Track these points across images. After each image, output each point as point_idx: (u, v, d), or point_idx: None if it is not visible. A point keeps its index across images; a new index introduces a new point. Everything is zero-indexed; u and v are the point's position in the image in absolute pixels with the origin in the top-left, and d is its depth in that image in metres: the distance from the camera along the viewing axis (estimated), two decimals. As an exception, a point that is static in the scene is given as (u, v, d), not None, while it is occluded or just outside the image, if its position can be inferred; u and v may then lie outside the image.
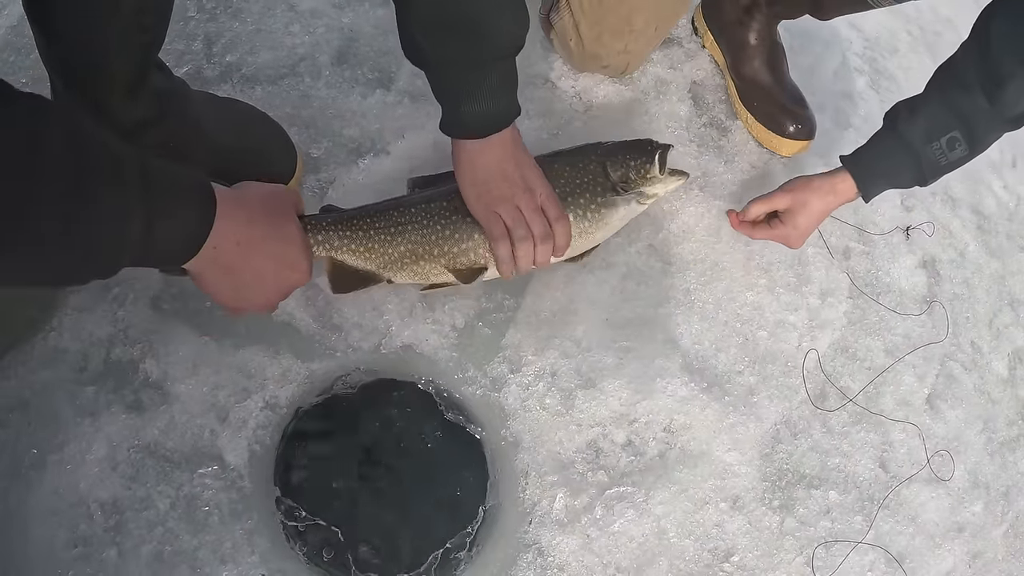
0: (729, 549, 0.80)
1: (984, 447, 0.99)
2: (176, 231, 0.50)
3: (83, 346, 0.74)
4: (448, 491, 0.76)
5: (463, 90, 0.65)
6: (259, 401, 0.74)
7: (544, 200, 0.70)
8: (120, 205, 0.44)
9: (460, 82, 0.65)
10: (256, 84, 0.87)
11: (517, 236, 0.69)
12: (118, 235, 0.45)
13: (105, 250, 0.45)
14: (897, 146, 0.76)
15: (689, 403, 0.82)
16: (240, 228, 0.55)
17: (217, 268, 0.56)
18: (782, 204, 0.80)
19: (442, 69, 0.66)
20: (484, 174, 0.68)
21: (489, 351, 0.80)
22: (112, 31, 0.64)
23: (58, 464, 0.70)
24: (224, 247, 0.54)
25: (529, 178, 0.69)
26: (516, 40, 0.66)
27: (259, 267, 0.59)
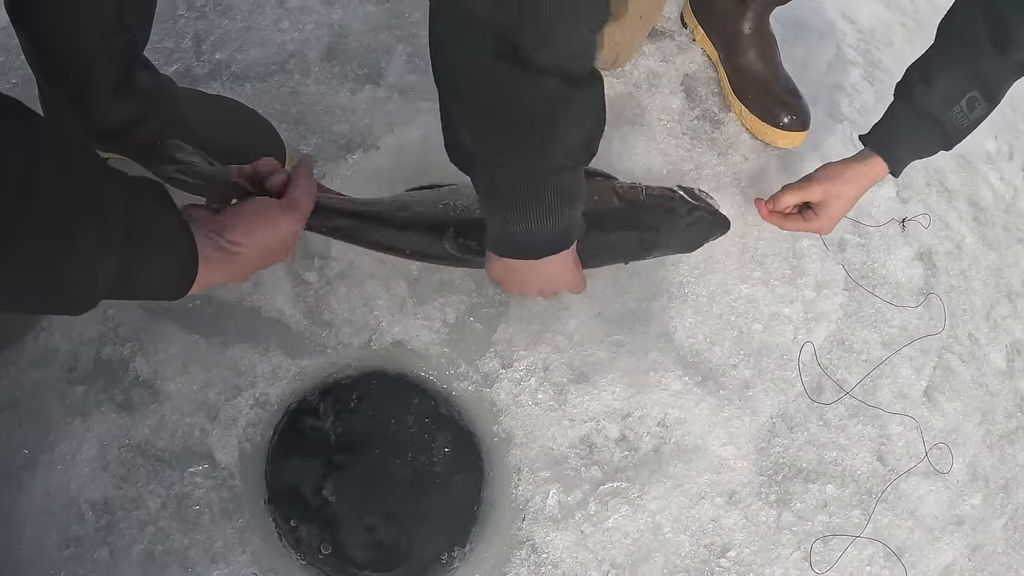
0: (725, 544, 0.78)
1: (983, 440, 0.97)
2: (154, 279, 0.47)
3: (73, 346, 0.73)
4: (441, 488, 0.75)
5: (521, 204, 0.53)
6: (249, 399, 0.73)
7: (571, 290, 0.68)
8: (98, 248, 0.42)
9: (518, 195, 0.53)
10: (245, 81, 0.86)
11: None
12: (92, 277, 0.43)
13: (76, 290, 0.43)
14: (919, 118, 0.75)
15: (683, 397, 0.81)
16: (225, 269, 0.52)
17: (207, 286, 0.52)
18: (816, 196, 0.77)
19: (489, 176, 0.54)
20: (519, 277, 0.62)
21: (480, 346, 0.79)
22: (94, 32, 0.63)
23: (49, 464, 0.69)
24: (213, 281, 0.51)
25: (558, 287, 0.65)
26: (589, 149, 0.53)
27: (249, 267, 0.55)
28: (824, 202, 0.78)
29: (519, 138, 0.50)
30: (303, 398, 0.76)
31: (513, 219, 0.55)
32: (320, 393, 0.76)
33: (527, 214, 0.54)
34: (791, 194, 0.78)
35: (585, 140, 0.53)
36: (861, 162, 0.77)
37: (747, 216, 0.92)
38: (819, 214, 0.79)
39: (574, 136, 0.51)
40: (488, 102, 0.49)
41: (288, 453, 0.74)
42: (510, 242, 0.58)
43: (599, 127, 0.53)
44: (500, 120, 0.50)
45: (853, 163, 0.78)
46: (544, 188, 0.53)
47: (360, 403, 0.76)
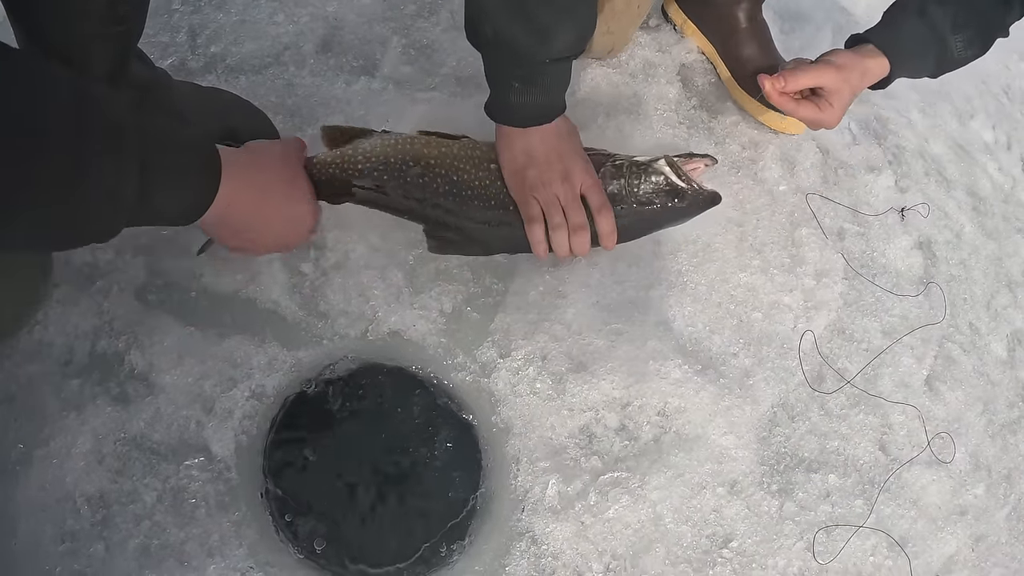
0: (728, 535, 0.77)
1: (985, 429, 0.96)
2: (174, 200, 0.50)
3: (68, 339, 0.72)
4: (440, 480, 0.74)
5: (516, 82, 0.65)
6: (245, 391, 0.72)
7: (587, 189, 0.68)
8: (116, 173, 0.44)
9: (515, 75, 0.65)
10: (240, 74, 0.86)
11: (552, 223, 0.69)
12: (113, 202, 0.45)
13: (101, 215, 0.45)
14: (928, 32, 0.73)
15: (683, 386, 0.80)
16: (248, 192, 0.57)
17: (223, 224, 0.57)
18: (830, 81, 0.72)
19: (501, 58, 0.66)
20: (524, 159, 0.67)
21: (478, 336, 0.78)
22: (88, 22, 0.63)
23: (44, 459, 0.68)
24: (234, 208, 0.55)
25: (571, 168, 0.68)
26: (580, 45, 0.66)
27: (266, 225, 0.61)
28: (837, 90, 0.73)
29: (530, 34, 0.62)
30: (300, 390, 0.75)
31: (512, 93, 0.66)
32: (317, 385, 0.75)
33: (525, 91, 0.65)
34: (805, 75, 0.72)
35: (579, 38, 0.66)
36: (862, 56, 0.74)
37: (745, 205, 0.92)
38: (833, 103, 0.73)
39: (571, 32, 0.64)
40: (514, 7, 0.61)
41: (285, 446, 0.73)
42: (508, 111, 0.67)
43: (591, 29, 0.67)
44: (521, 18, 0.61)
45: (859, 56, 0.74)
46: (540, 71, 0.65)
47: (358, 395, 0.76)
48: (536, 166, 0.67)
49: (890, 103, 1.13)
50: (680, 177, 0.69)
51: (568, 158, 0.68)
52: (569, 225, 0.68)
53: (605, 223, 0.69)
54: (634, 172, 0.69)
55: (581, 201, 0.68)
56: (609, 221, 0.69)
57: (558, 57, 0.65)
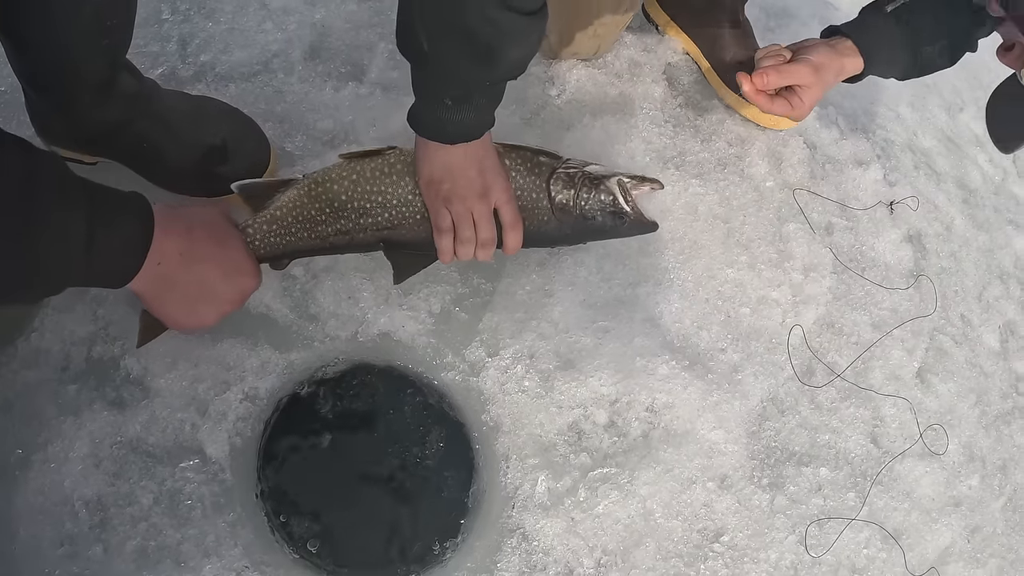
0: (719, 529, 0.79)
1: (978, 420, 0.98)
2: (117, 242, 0.52)
3: (65, 346, 0.74)
4: (432, 479, 0.76)
5: (449, 100, 0.63)
6: (238, 393, 0.74)
7: (501, 205, 0.70)
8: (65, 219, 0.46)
9: (449, 91, 0.63)
10: (230, 82, 0.88)
11: (461, 236, 0.69)
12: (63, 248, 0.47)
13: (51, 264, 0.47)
14: (903, 39, 0.77)
15: (671, 381, 0.82)
16: (180, 240, 0.57)
17: (164, 284, 0.57)
18: (804, 79, 0.76)
19: (434, 74, 0.63)
20: (442, 172, 0.67)
21: (466, 335, 0.80)
22: (75, 35, 0.65)
23: (42, 463, 0.70)
24: (168, 261, 0.55)
25: (489, 183, 0.68)
26: (523, 67, 0.64)
27: (206, 276, 0.60)
28: (810, 87, 0.77)
29: (474, 55, 0.60)
30: (293, 392, 0.77)
31: (442, 109, 0.63)
32: (309, 387, 0.77)
33: (457, 108, 0.63)
34: (782, 75, 0.77)
35: (521, 60, 0.64)
36: (838, 53, 0.77)
37: (732, 201, 0.93)
38: (805, 99, 0.77)
39: (518, 57, 0.62)
40: (454, 21, 0.58)
41: (278, 447, 0.75)
42: (435, 127, 0.65)
43: (533, 52, 0.64)
44: (462, 38, 0.58)
45: (836, 53, 0.78)
46: (478, 92, 0.63)
47: (350, 396, 0.78)
48: (452, 180, 0.67)
49: (879, 97, 1.15)
50: (627, 201, 0.72)
51: (489, 174, 0.68)
52: (479, 239, 0.69)
53: (513, 239, 0.71)
54: (585, 186, 0.71)
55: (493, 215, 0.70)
56: (517, 237, 0.71)
57: (498, 78, 0.63)
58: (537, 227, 0.73)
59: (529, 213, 0.72)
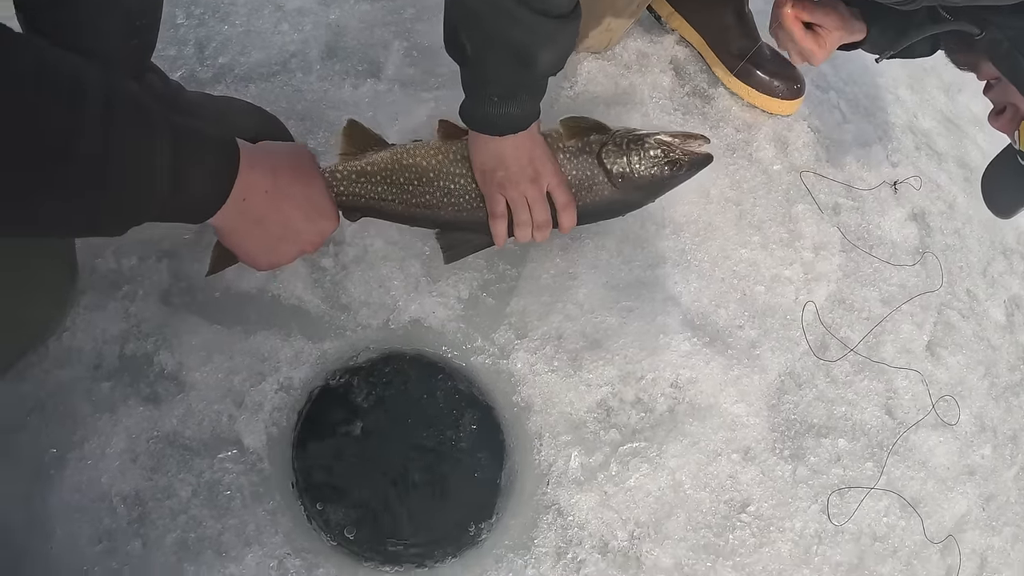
0: (744, 500, 0.83)
1: (988, 392, 1.02)
2: (203, 173, 0.52)
3: (97, 344, 0.76)
4: (467, 462, 0.79)
5: (496, 97, 0.69)
6: (273, 384, 0.77)
7: (553, 188, 0.74)
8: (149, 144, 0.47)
9: (493, 90, 0.69)
10: (249, 82, 0.92)
11: (518, 220, 0.74)
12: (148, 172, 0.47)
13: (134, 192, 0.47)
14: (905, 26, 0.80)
15: (693, 357, 0.86)
16: (267, 177, 0.57)
17: (247, 220, 0.58)
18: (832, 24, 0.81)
19: (480, 75, 0.69)
20: (494, 162, 0.72)
21: (495, 320, 0.84)
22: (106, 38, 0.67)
23: (79, 461, 0.72)
24: (253, 198, 0.56)
25: (539, 169, 0.73)
26: (560, 65, 0.70)
27: (289, 215, 0.61)
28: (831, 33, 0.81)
29: (514, 59, 0.66)
30: (326, 382, 0.80)
31: (490, 105, 0.70)
32: (342, 376, 0.81)
33: (503, 104, 0.69)
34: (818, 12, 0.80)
35: (558, 60, 0.70)
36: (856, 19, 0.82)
37: (742, 185, 0.98)
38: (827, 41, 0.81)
39: (553, 58, 0.69)
40: (492, 26, 0.64)
41: (313, 437, 0.78)
42: (484, 121, 0.71)
43: (570, 51, 0.71)
44: (501, 44, 0.65)
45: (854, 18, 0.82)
46: (521, 89, 0.70)
47: (383, 383, 0.81)
48: (505, 168, 0.72)
49: (879, 81, 1.21)
50: (673, 149, 0.76)
51: (539, 161, 0.73)
52: (535, 222, 0.74)
53: (567, 219, 0.76)
54: (633, 149, 0.76)
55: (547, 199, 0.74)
56: (571, 216, 0.76)
57: (538, 76, 0.69)
58: (602, 201, 0.77)
59: (590, 191, 0.76)
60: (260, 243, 0.61)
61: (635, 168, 0.76)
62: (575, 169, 0.76)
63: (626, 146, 0.76)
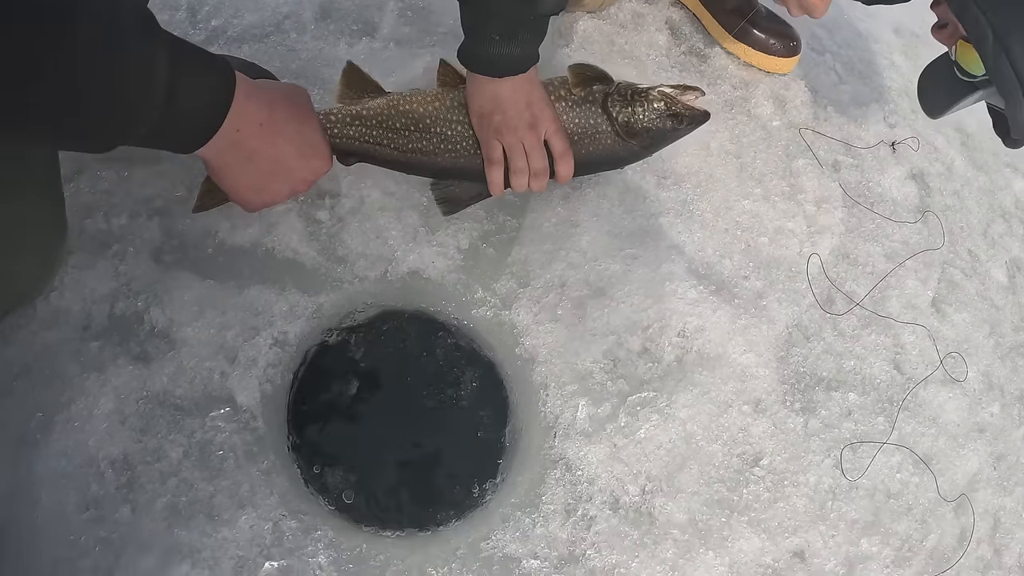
0: (757, 453, 0.81)
1: (993, 351, 1.02)
2: (198, 93, 0.50)
3: (85, 304, 0.74)
4: (468, 421, 0.77)
5: (496, 36, 0.68)
6: (268, 339, 0.75)
7: (551, 135, 0.74)
8: (147, 53, 0.45)
9: (497, 29, 0.68)
10: (243, 43, 0.91)
11: (514, 167, 0.73)
12: (145, 82, 0.45)
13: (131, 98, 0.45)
14: None
15: (700, 305, 0.85)
16: (262, 110, 0.56)
17: (239, 153, 0.56)
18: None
19: (482, 12, 0.69)
20: (491, 105, 0.72)
21: (496, 270, 0.82)
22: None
23: (65, 423, 0.70)
24: (247, 129, 0.55)
25: (537, 115, 0.73)
26: (562, 5, 0.70)
27: (282, 152, 0.60)
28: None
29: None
30: (322, 340, 0.78)
31: (491, 44, 0.69)
32: (339, 334, 0.79)
33: (504, 43, 0.68)
34: None
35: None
36: None
37: (741, 139, 0.99)
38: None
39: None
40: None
41: (309, 397, 0.76)
42: (485, 61, 0.70)
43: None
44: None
45: None
46: (523, 27, 0.69)
47: (380, 342, 0.79)
48: (503, 112, 0.71)
49: (873, 47, 1.23)
50: (675, 103, 0.76)
51: (536, 106, 0.72)
52: (531, 169, 0.73)
53: (564, 168, 0.75)
54: (638, 100, 0.76)
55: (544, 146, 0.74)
56: (569, 165, 0.75)
57: (543, 14, 0.69)
58: (605, 151, 0.77)
59: (594, 139, 0.76)
60: (251, 180, 0.60)
61: (639, 119, 0.76)
62: (578, 117, 0.76)
63: (631, 97, 0.76)
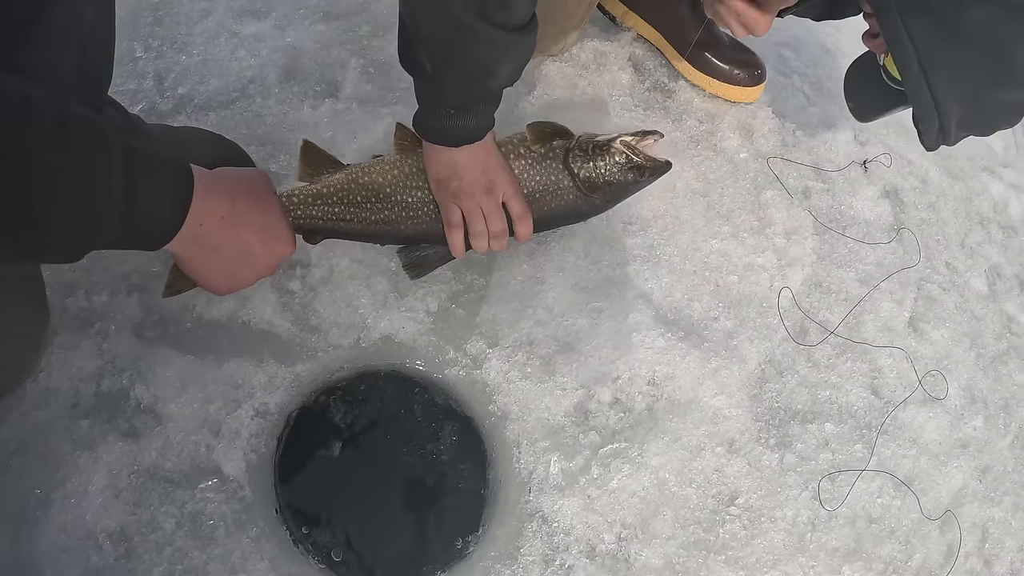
0: (732, 492, 0.84)
1: (975, 363, 1.03)
2: (157, 195, 0.52)
3: (73, 383, 0.78)
4: (449, 475, 0.80)
5: (451, 110, 0.70)
6: (249, 410, 0.79)
7: (508, 198, 0.76)
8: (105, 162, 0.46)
9: (450, 103, 0.70)
10: (210, 111, 0.94)
11: (473, 231, 0.76)
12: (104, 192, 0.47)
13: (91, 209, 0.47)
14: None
15: (669, 353, 0.87)
16: (223, 203, 0.58)
17: (204, 247, 0.58)
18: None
19: (436, 87, 0.70)
20: (448, 172, 0.74)
21: (466, 330, 0.85)
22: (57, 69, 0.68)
23: (63, 500, 0.73)
24: (209, 224, 0.57)
25: (494, 179, 0.74)
26: (515, 77, 0.71)
27: (246, 241, 0.62)
28: None
29: (471, 72, 0.68)
30: (302, 405, 0.81)
31: (446, 117, 0.71)
32: (319, 397, 0.82)
33: (459, 116, 0.70)
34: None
35: (515, 71, 0.71)
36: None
37: (708, 176, 1.00)
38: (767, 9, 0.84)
39: (511, 70, 0.70)
40: (450, 41, 0.65)
41: (293, 460, 0.79)
42: (439, 132, 0.72)
43: (526, 59, 0.71)
44: (461, 60, 0.66)
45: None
46: (477, 100, 0.71)
47: (359, 402, 0.82)
48: (459, 179, 0.73)
49: (842, 62, 1.22)
50: (637, 154, 0.78)
51: (493, 171, 0.74)
52: (490, 232, 0.76)
53: (523, 228, 0.77)
54: (598, 154, 0.78)
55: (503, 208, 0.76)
56: (527, 227, 0.77)
57: (496, 88, 0.71)
58: (567, 206, 0.79)
59: (556, 196, 0.78)
60: (217, 269, 0.62)
61: (601, 173, 0.78)
62: (539, 175, 0.78)
63: (592, 151, 0.78)
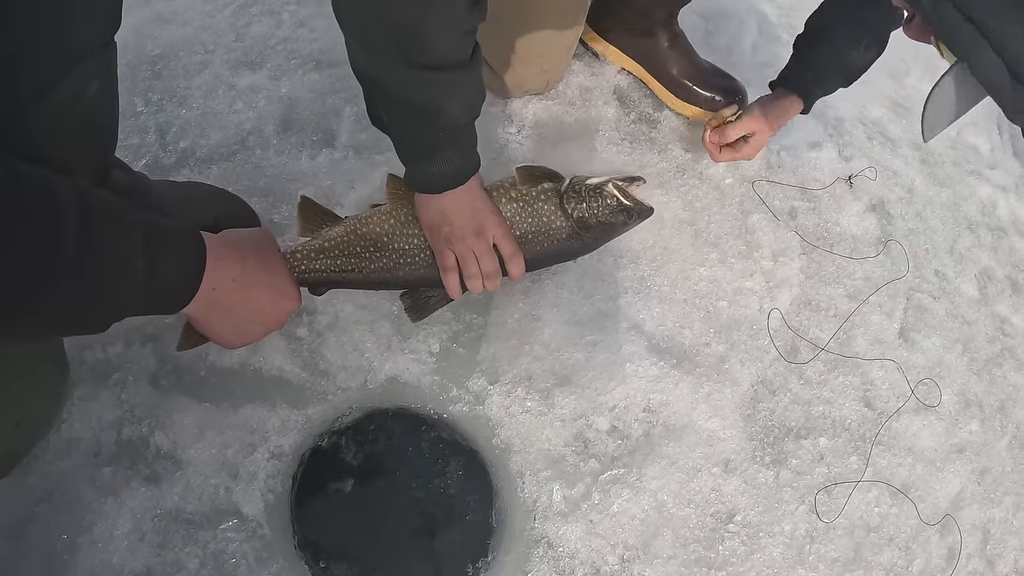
0: (730, 511, 0.88)
1: (968, 368, 1.07)
2: (175, 271, 0.57)
3: (94, 432, 0.83)
4: (457, 506, 0.85)
5: (422, 157, 0.75)
6: (265, 453, 0.84)
7: (498, 240, 0.80)
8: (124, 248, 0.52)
9: (419, 151, 0.75)
10: (212, 164, 0.99)
11: (467, 273, 0.80)
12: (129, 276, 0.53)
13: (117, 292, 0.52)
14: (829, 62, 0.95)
15: (662, 380, 0.91)
16: (233, 267, 0.64)
17: (218, 309, 0.63)
18: (755, 127, 0.97)
19: (401, 138, 0.76)
20: (439, 218, 0.78)
21: (467, 368, 0.90)
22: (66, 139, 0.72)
23: (89, 545, 0.78)
24: (222, 287, 0.62)
25: (483, 222, 0.79)
26: (473, 112, 0.75)
27: (256, 300, 0.67)
28: (758, 132, 0.97)
29: (417, 115, 0.71)
30: (315, 445, 0.86)
31: (421, 166, 0.75)
32: (330, 437, 0.87)
33: (431, 163, 0.75)
34: (735, 129, 0.97)
35: (468, 107, 0.74)
36: (780, 101, 0.98)
37: (695, 204, 1.04)
38: (749, 143, 0.98)
39: (461, 107, 0.73)
40: (392, 92, 0.70)
41: (309, 498, 0.84)
42: (422, 181, 0.77)
43: (479, 96, 0.75)
44: (405, 106, 0.71)
45: (778, 102, 0.98)
46: (441, 144, 0.74)
47: (369, 440, 0.87)
48: (450, 224, 0.77)
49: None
50: (627, 196, 0.83)
51: (482, 214, 0.78)
52: (483, 273, 0.80)
53: (515, 268, 0.81)
54: (591, 196, 0.83)
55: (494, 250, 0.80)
56: (518, 266, 0.81)
57: (453, 127, 0.73)
58: (559, 246, 0.84)
59: (548, 236, 0.83)
60: (230, 327, 0.68)
61: (595, 215, 0.83)
62: (531, 216, 0.83)
63: (585, 193, 0.83)
